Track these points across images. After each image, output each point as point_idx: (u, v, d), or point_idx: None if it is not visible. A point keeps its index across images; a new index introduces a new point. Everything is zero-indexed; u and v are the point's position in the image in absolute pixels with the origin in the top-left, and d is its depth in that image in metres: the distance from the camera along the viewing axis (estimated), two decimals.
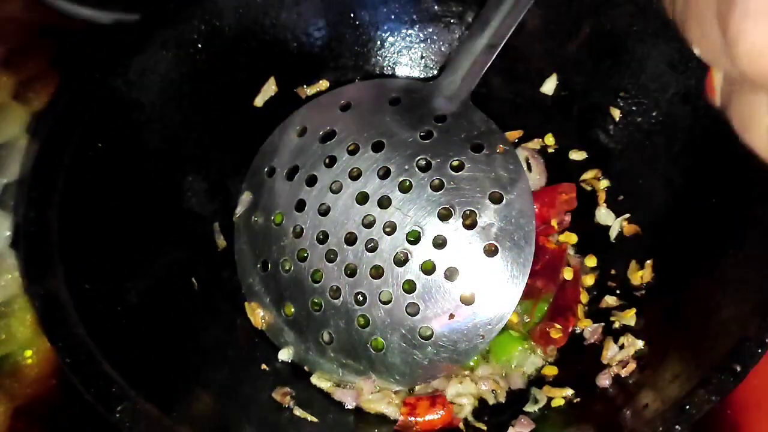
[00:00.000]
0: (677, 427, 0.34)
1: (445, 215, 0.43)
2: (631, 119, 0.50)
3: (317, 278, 0.45)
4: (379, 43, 0.54)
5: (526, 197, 0.44)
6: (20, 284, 0.52)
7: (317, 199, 0.46)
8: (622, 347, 0.44)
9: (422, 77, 0.56)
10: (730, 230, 0.42)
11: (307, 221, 0.46)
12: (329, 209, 0.45)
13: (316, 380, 0.46)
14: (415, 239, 0.44)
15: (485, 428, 0.44)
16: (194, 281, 0.47)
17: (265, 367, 0.46)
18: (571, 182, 0.51)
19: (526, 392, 0.45)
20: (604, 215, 0.51)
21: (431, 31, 0.54)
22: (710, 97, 0.28)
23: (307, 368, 0.47)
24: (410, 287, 0.43)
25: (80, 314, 0.37)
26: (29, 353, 0.50)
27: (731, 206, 0.43)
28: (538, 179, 0.52)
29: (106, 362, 0.36)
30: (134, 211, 0.45)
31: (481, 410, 0.45)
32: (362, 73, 0.55)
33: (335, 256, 0.45)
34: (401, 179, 0.44)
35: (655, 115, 0.49)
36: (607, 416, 0.41)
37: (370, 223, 0.44)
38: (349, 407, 0.45)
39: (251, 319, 0.47)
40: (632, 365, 0.42)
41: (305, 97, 0.53)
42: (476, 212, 0.43)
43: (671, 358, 0.40)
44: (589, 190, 0.52)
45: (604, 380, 0.43)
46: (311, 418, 0.43)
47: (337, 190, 0.46)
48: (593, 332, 0.46)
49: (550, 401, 0.44)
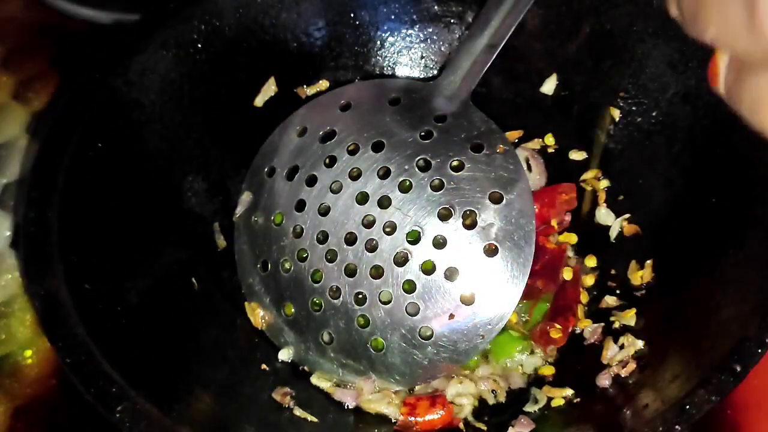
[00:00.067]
0: (677, 427, 0.34)
1: (445, 215, 0.43)
2: (631, 119, 0.50)
3: (317, 278, 0.45)
4: (379, 43, 0.54)
5: (526, 197, 0.44)
6: (20, 284, 0.52)
7: (317, 199, 0.46)
8: (622, 347, 0.44)
9: (422, 77, 0.56)
10: (730, 230, 0.42)
11: (307, 221, 0.46)
12: (329, 209, 0.45)
13: (316, 380, 0.46)
14: (415, 239, 0.44)
15: (485, 428, 0.44)
16: (194, 281, 0.47)
17: (265, 367, 0.46)
18: (571, 182, 0.51)
19: (526, 392, 0.45)
20: (604, 215, 0.51)
21: (431, 31, 0.54)
22: (713, 84, 0.28)
23: (307, 368, 0.47)
24: (410, 287, 0.43)
25: (80, 314, 0.37)
26: (29, 353, 0.50)
27: (731, 206, 0.43)
28: (538, 179, 0.52)
29: (106, 362, 0.36)
30: (134, 211, 0.45)
31: (481, 410, 0.45)
32: (362, 73, 0.55)
33: (335, 256, 0.45)
34: (401, 179, 0.44)
35: (655, 115, 0.49)
36: (607, 416, 0.41)
37: (370, 223, 0.44)
38: (349, 407, 0.45)
39: (251, 319, 0.47)
40: (632, 365, 0.42)
41: (305, 97, 0.53)
42: (476, 212, 0.43)
43: (671, 358, 0.40)
44: (589, 190, 0.52)
45: (604, 380, 0.43)
46: (311, 418, 0.43)
47: (337, 190, 0.46)
48: (593, 332, 0.46)
49: (550, 401, 0.43)
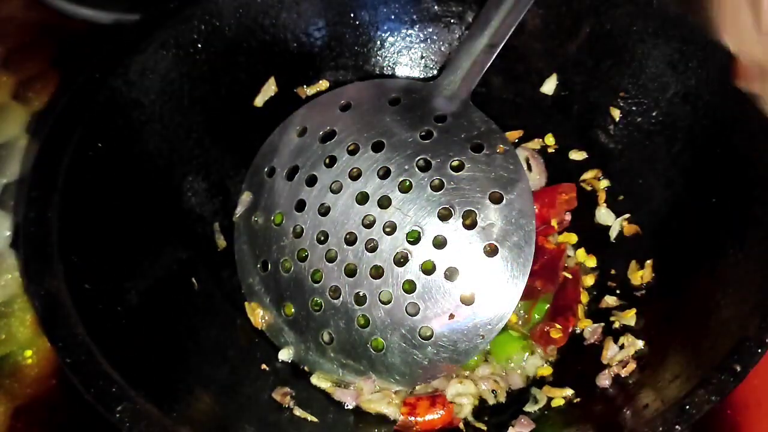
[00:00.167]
0: (677, 427, 0.34)
1: (445, 215, 0.43)
2: (631, 119, 0.50)
3: (317, 278, 0.45)
4: (379, 43, 0.54)
5: (526, 197, 0.44)
6: (20, 284, 0.52)
7: (317, 199, 0.46)
8: (622, 347, 0.44)
9: (422, 77, 0.56)
10: (730, 230, 0.42)
11: (307, 221, 0.46)
12: (329, 209, 0.45)
13: (316, 380, 0.46)
14: (415, 239, 0.44)
15: (485, 428, 0.44)
16: (194, 281, 0.47)
17: (265, 367, 0.46)
18: (571, 182, 0.51)
19: (526, 392, 0.45)
20: (604, 215, 0.51)
21: (431, 31, 0.54)
22: (742, 83, 0.29)
23: (307, 368, 0.47)
24: (410, 287, 0.43)
25: (80, 314, 0.37)
26: (29, 353, 0.50)
27: (731, 206, 0.43)
28: (538, 179, 0.52)
29: (106, 362, 0.36)
30: (134, 211, 0.45)
31: (481, 410, 0.45)
32: (362, 73, 0.55)
33: (335, 256, 0.45)
34: (401, 179, 0.44)
35: (655, 115, 0.49)
36: (607, 416, 0.41)
37: (370, 223, 0.44)
38: (349, 407, 0.45)
39: (251, 319, 0.47)
40: (632, 365, 0.42)
41: (305, 97, 0.53)
42: (476, 212, 0.43)
43: (671, 358, 0.40)
44: (589, 190, 0.52)
45: (604, 380, 0.43)
46: (311, 418, 0.43)
47: (337, 190, 0.46)
48: (593, 332, 0.46)
49: (550, 401, 0.43)
